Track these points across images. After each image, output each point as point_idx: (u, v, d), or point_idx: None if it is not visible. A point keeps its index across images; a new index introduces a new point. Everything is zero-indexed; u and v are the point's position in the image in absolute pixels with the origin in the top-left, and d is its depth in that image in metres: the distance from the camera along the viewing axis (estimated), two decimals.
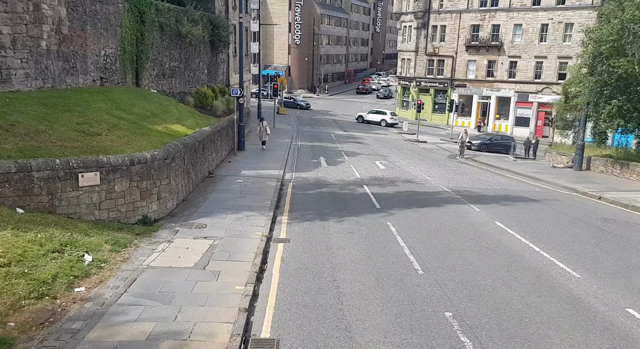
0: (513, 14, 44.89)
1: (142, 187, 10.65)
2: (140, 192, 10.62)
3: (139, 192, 10.59)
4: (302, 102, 58.37)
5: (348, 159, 24.63)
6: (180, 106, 21.41)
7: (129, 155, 10.41)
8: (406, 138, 39.72)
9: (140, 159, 10.55)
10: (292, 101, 58.43)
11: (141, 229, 10.11)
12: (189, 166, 13.96)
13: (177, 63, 25.55)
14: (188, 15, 25.94)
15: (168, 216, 11.69)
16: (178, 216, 11.67)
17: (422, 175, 20.83)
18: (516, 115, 46.76)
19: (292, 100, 58.65)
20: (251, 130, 33.42)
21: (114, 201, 10.09)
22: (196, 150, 14.90)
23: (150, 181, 10.88)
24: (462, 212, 14.35)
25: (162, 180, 11.28)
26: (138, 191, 10.57)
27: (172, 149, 11.91)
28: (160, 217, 11.33)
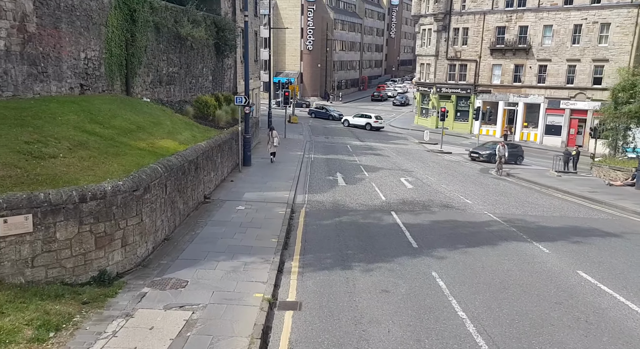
0: (542, 14, 41.59)
1: (98, 232, 7.76)
2: (96, 239, 7.73)
3: (94, 239, 7.70)
4: (334, 112, 53.16)
5: (368, 175, 21.57)
6: (177, 116, 18.62)
7: (79, 188, 7.52)
8: (429, 149, 36.53)
9: (97, 192, 7.66)
10: (323, 110, 53.95)
11: (92, 293, 7.20)
12: (175, 193, 11.04)
13: (177, 68, 22.87)
14: (189, 15, 23.29)
15: (138, 266, 8.75)
16: (151, 267, 8.75)
17: (458, 196, 17.64)
18: (546, 123, 43.29)
19: (323, 110, 54.07)
20: (260, 141, 30.62)
21: (54, 254, 7.19)
22: (186, 172, 11.98)
23: (111, 222, 7.98)
24: (528, 255, 11.14)
25: (129, 219, 8.38)
26: (92, 238, 7.68)
27: (146, 176, 9.00)
28: (125, 270, 8.41)
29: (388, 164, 26.15)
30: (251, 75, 37.96)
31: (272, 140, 25.00)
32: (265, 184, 17.84)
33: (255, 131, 29.25)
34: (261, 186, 17.27)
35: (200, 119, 21.07)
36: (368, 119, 47.45)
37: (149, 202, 9.18)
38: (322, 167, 23.61)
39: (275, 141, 25.15)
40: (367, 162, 26.04)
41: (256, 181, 18.29)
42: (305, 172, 21.46)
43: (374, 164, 25.48)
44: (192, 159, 12.71)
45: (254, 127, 28.23)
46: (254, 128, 28.84)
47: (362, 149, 32.90)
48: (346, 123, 48.74)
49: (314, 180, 19.73)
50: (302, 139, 36.04)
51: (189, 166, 12.42)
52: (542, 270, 10.06)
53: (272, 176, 19.51)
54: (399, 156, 30.22)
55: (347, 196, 16.76)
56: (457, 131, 47.49)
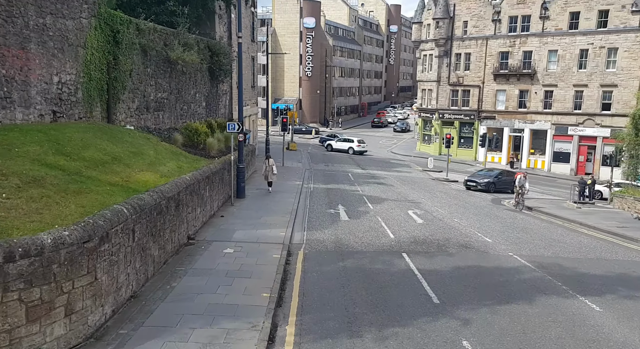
0: (547, 39, 40.67)
1: (31, 300, 5.90)
2: (28, 310, 5.88)
3: (25, 310, 5.85)
4: (358, 146, 46.82)
5: (373, 207, 19.76)
6: (163, 145, 16.94)
7: (4, 243, 5.71)
8: (434, 177, 34.82)
9: (30, 248, 5.86)
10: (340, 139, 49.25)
11: None
12: (147, 239, 9.22)
13: (166, 94, 21.38)
14: (180, 38, 21.96)
15: (89, 340, 6.83)
16: (106, 340, 6.85)
17: (475, 233, 15.78)
18: (554, 150, 41.80)
19: (339, 138, 49.25)
20: (257, 169, 28.94)
21: None
22: (163, 211, 10.19)
23: (51, 286, 6.13)
24: (577, 316, 9.22)
25: (77, 279, 6.53)
26: (22, 309, 5.82)
27: (104, 222, 7.21)
28: (70, 346, 6.50)
29: (393, 194, 24.38)
30: (248, 102, 36.65)
31: (271, 168, 23.47)
32: (259, 219, 16.01)
33: (251, 160, 27.61)
34: (255, 222, 15.44)
35: (190, 148, 19.41)
36: (351, 143, 47.28)
37: (107, 254, 7.35)
38: (323, 198, 21.84)
39: (272, 169, 23.59)
40: (371, 193, 24.27)
41: (249, 215, 16.47)
42: (304, 205, 19.67)
43: (378, 195, 23.71)
44: (172, 196, 10.93)
45: (249, 155, 26.59)
46: (250, 157, 27.21)
47: (364, 177, 31.18)
48: (329, 147, 48.09)
49: (313, 214, 17.91)
50: (301, 167, 34.40)
51: (168, 204, 10.62)
52: (601, 338, 8.08)
53: (267, 210, 17.69)
54: (403, 185, 28.48)
55: (351, 234, 14.91)
56: (461, 158, 45.93)
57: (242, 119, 19.54)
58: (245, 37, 34.53)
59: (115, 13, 16.83)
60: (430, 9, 46.57)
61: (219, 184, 17.11)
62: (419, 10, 49.00)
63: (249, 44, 35.68)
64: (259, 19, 61.48)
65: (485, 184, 28.81)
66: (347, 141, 48.03)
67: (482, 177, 29.57)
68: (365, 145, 47.50)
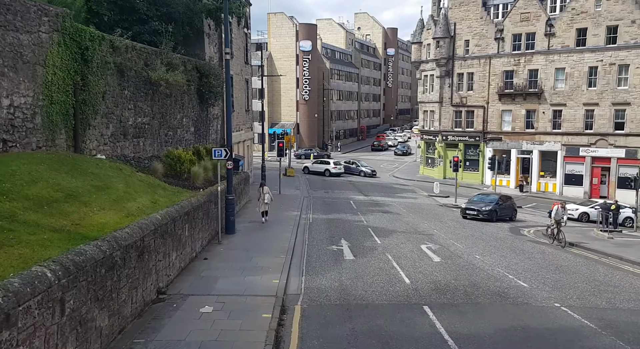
0: (553, 56, 39.06)
1: None
2: None
3: None
4: (366, 168, 47.23)
5: (381, 242, 17.39)
6: (138, 176, 14.69)
7: None
8: (442, 203, 32.52)
9: None
10: (352, 165, 47.76)
11: None
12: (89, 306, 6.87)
13: (148, 119, 19.29)
14: (163, 57, 20.03)
15: None
16: None
17: (505, 275, 13.34)
18: (565, 172, 39.65)
19: (352, 165, 47.92)
20: (251, 198, 26.67)
21: None
22: (117, 265, 7.86)
23: None
24: None
25: None
26: None
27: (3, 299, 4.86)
28: None
29: (401, 225, 22.02)
30: (242, 126, 34.64)
31: (263, 197, 21.31)
32: (249, 261, 13.63)
33: (244, 189, 25.35)
34: (243, 266, 13.06)
35: (172, 178, 17.16)
36: (327, 165, 46.59)
37: (12, 343, 5.00)
38: (323, 231, 19.48)
39: (266, 198, 21.46)
40: (376, 223, 21.93)
41: (238, 257, 14.09)
42: (302, 241, 17.30)
43: (385, 226, 21.35)
44: (133, 242, 8.61)
45: (242, 184, 24.35)
46: (243, 185, 24.96)
47: (367, 205, 28.87)
48: (306, 170, 47.10)
49: (313, 252, 15.53)
50: (299, 194, 32.12)
51: (126, 255, 8.30)
52: None
53: (259, 248, 15.31)
54: (410, 214, 26.15)
55: (358, 278, 12.52)
56: (467, 182, 43.68)
57: (231, 145, 17.39)
58: (238, 58, 32.81)
59: (83, 28, 14.86)
60: (430, 28, 45.22)
61: (203, 220, 14.78)
62: (418, 30, 47.67)
63: (242, 66, 33.94)
64: (254, 43, 60.33)
65: (488, 213, 25.04)
66: (323, 163, 47.29)
67: (482, 205, 25.86)
68: (341, 167, 46.63)
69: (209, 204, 15.69)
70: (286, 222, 20.77)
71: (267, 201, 21.70)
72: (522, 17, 40.11)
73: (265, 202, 21.61)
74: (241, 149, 33.73)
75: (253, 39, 61.95)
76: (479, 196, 28.27)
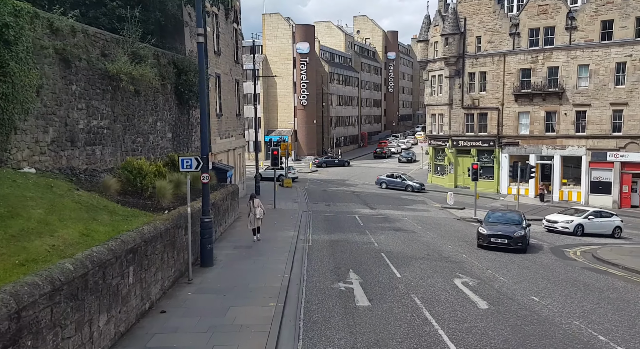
0: (576, 52, 35.47)
1: None
2: None
3: None
4: (413, 181, 41.19)
5: (400, 274, 13.54)
6: (75, 196, 10.89)
7: None
8: (459, 216, 28.73)
9: None
10: (397, 179, 41.71)
11: None
12: None
13: (108, 122, 15.56)
14: (127, 47, 16.32)
15: None
16: None
17: (593, 335, 9.14)
18: (591, 179, 35.92)
19: (397, 179, 41.77)
20: (241, 215, 22.91)
21: None
22: None
23: None
24: None
25: None
26: None
27: None
28: None
29: (419, 247, 18.20)
30: (232, 132, 30.91)
31: (254, 211, 17.92)
32: (224, 315, 9.80)
33: (231, 204, 21.54)
34: (214, 324, 9.22)
35: (131, 196, 13.36)
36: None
37: None
38: (326, 258, 15.64)
39: (258, 212, 18.11)
40: (390, 246, 18.12)
41: (210, 307, 10.25)
42: (299, 274, 13.46)
43: (401, 249, 17.53)
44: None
45: (228, 199, 20.55)
46: (230, 200, 21.16)
47: (375, 221, 25.05)
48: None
49: (313, 294, 11.68)
50: (296, 208, 28.30)
51: None
52: None
53: (242, 290, 11.48)
54: (427, 231, 22.35)
55: (380, 343, 8.68)
56: (481, 191, 39.61)
57: (207, 152, 13.59)
58: (227, 56, 29.17)
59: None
60: (437, 24, 41.69)
61: (165, 254, 10.96)
62: (424, 27, 44.15)
63: (231, 65, 30.30)
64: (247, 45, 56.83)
65: (521, 240, 18.20)
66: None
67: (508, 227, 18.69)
68: (295, 171, 43.26)
69: (176, 230, 11.87)
70: (280, 247, 16.94)
71: (260, 216, 18.20)
72: (539, 10, 36.58)
73: (258, 217, 18.11)
74: (231, 157, 29.97)
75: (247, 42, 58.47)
76: (496, 215, 20.81)
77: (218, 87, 27.53)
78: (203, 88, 13.44)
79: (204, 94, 13.52)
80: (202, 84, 13.36)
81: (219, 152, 27.30)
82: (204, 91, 13.48)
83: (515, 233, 18.31)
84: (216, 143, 26.83)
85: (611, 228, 24.99)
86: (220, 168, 24.00)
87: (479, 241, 18.73)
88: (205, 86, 13.75)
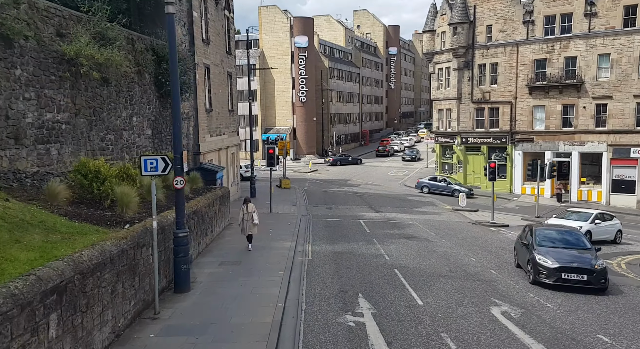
0: (595, 40, 32.84)
1: None
2: None
3: None
4: (461, 186, 36.22)
5: (423, 302, 10.94)
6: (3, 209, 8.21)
7: None
8: (474, 220, 26.14)
9: None
10: (441, 183, 36.82)
11: None
12: None
13: (67, 115, 13.00)
14: (90, 27, 13.72)
15: None
16: None
17: None
18: (613, 177, 33.30)
19: (442, 182, 36.90)
20: (232, 220, 20.38)
21: None
22: None
23: None
24: None
25: None
26: None
27: None
28: None
29: (438, 260, 15.60)
30: (224, 130, 28.28)
31: (247, 217, 15.84)
32: None
33: (219, 209, 18.93)
34: None
35: (86, 206, 10.75)
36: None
37: None
38: (329, 278, 13.06)
39: (255, 217, 15.93)
40: (403, 259, 15.55)
41: None
42: (296, 300, 10.87)
43: (417, 264, 14.93)
44: None
45: (216, 204, 17.94)
46: (219, 205, 18.56)
47: (382, 226, 22.48)
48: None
49: (313, 335, 9.08)
50: (295, 212, 25.71)
51: None
52: None
53: (220, 330, 8.89)
54: (442, 238, 19.78)
55: None
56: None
57: (181, 150, 10.96)
58: (218, 46, 26.55)
59: None
60: (444, 13, 39.04)
61: (116, 286, 8.37)
62: (430, 16, 41.50)
63: (223, 56, 27.69)
64: (242, 40, 54.19)
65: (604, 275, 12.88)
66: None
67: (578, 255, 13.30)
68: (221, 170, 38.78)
69: (137, 251, 9.27)
70: (274, 262, 14.37)
71: (257, 222, 16.06)
72: None
73: (255, 222, 15.97)
74: (223, 157, 27.37)
75: (243, 36, 55.84)
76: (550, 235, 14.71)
77: (207, 79, 24.93)
78: (175, 69, 10.81)
79: (175, 76, 10.88)
80: (173, 65, 10.73)
81: (209, 152, 24.71)
82: (175, 73, 10.85)
83: (596, 265, 12.85)
84: (205, 141, 24.25)
85: (614, 233, 21.78)
86: (208, 169, 21.43)
87: (539, 276, 12.98)
88: (177, 68, 11.11)
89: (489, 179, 26.05)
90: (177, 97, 10.92)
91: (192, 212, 13.99)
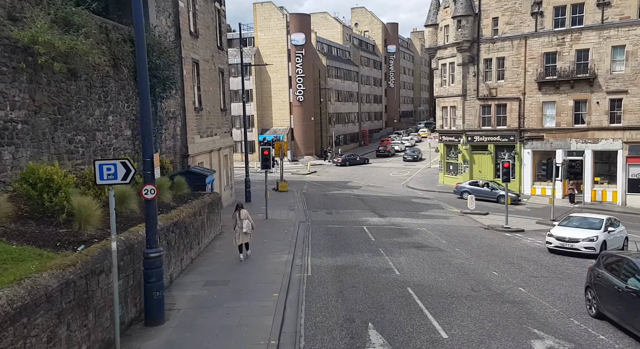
0: (609, 32, 31.02)
1: None
2: None
3: None
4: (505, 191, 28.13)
5: (448, 335, 8.96)
6: None
7: None
8: (486, 225, 24.28)
9: None
10: (484, 188, 32.98)
11: None
12: None
13: (24, 113, 11.11)
14: (52, 10, 11.82)
15: None
16: None
17: None
18: (629, 176, 31.46)
19: (484, 187, 33.12)
20: (224, 229, 18.49)
21: None
22: None
23: None
24: None
25: None
26: None
27: None
28: None
29: (456, 275, 13.71)
30: (216, 130, 26.35)
31: (240, 225, 14.38)
32: None
33: (208, 217, 16.99)
34: None
35: (37, 222, 8.83)
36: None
37: None
38: (332, 302, 11.14)
39: (244, 225, 14.41)
40: (416, 275, 13.65)
41: None
42: (292, 337, 8.97)
43: (432, 281, 13.03)
44: None
45: (203, 212, 15.99)
46: (207, 212, 16.62)
47: (388, 233, 20.60)
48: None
49: None
50: (293, 218, 23.80)
51: None
52: None
53: None
54: (455, 247, 17.91)
55: None
56: None
57: (152, 153, 9.06)
58: (208, 40, 24.66)
59: None
60: (447, 6, 37.21)
61: (56, 331, 6.48)
62: (432, 10, 39.65)
63: (213, 51, 25.79)
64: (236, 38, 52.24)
65: None
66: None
67: None
68: None
69: (91, 280, 7.35)
70: (269, 281, 12.49)
71: (247, 230, 14.52)
72: None
73: (244, 231, 14.45)
74: (215, 159, 25.45)
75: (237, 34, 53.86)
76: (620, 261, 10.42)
77: (196, 75, 23.03)
78: (142, 55, 8.90)
79: (144, 62, 8.96)
80: (140, 51, 8.81)
81: (198, 154, 22.81)
82: (143, 59, 8.93)
83: None
84: (195, 143, 22.35)
85: (622, 241, 18.87)
86: (196, 173, 19.51)
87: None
88: (144, 57, 9.17)
89: (503, 180, 24.22)
90: (146, 89, 9.04)
91: (173, 223, 12.09)
